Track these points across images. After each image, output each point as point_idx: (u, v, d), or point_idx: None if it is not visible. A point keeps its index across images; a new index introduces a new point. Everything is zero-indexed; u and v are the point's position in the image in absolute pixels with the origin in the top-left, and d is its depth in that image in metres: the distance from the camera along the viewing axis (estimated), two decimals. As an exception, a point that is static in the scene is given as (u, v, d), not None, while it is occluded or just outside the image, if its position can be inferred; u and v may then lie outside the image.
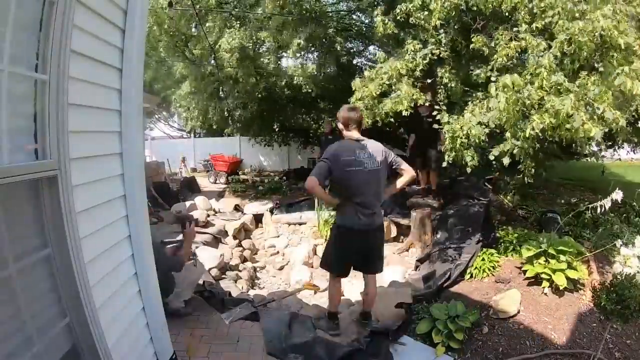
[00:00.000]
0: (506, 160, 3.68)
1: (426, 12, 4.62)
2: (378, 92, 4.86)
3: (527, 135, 3.40)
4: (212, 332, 3.13)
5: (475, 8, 4.35)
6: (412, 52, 4.82)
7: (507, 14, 4.10)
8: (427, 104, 4.82)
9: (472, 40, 4.41)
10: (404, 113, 4.68)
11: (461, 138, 3.81)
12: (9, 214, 1.36)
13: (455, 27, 4.87)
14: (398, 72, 4.73)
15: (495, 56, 4.03)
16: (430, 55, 4.78)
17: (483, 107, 3.78)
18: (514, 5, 3.93)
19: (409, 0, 4.81)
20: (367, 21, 9.16)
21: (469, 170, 4.03)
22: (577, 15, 3.54)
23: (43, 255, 1.52)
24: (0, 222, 1.30)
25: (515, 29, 4.05)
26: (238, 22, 7.60)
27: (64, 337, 1.64)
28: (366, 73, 5.18)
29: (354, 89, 5.10)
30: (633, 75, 3.17)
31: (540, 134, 3.39)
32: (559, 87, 3.43)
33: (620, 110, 3.33)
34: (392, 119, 5.05)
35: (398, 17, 4.98)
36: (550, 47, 3.67)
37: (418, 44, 4.88)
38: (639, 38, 3.50)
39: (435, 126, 4.32)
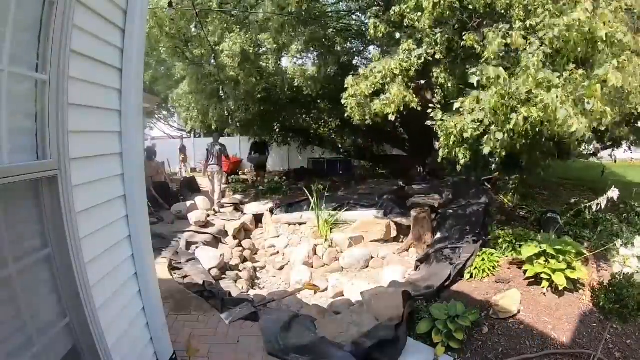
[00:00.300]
0: (486, 150, 3.63)
1: (419, 13, 4.61)
2: (370, 92, 4.85)
3: (512, 127, 3.38)
4: (212, 332, 3.13)
5: (470, 7, 4.34)
6: (406, 52, 4.80)
7: (502, 11, 4.09)
8: (419, 108, 4.78)
9: (464, 38, 4.39)
10: (391, 117, 4.68)
11: (455, 136, 3.80)
12: (9, 214, 1.36)
13: (455, 26, 4.86)
14: (392, 72, 4.71)
15: (485, 53, 4.01)
16: (425, 55, 4.77)
17: (473, 101, 3.77)
18: (509, 3, 3.92)
19: (403, 2, 4.80)
20: (366, 21, 9.16)
21: (459, 168, 4.03)
22: (563, 9, 3.53)
23: (43, 255, 1.52)
24: (1, 222, 1.30)
25: (507, 26, 4.02)
26: (239, 26, 7.58)
27: (64, 337, 1.64)
28: (361, 71, 5.16)
29: (346, 86, 5.09)
30: (621, 68, 3.14)
31: (529, 129, 3.37)
32: (548, 84, 3.42)
33: (613, 105, 3.31)
34: (379, 119, 5.04)
35: (393, 19, 4.97)
36: (543, 44, 3.67)
37: (413, 43, 4.86)
38: (631, 32, 3.48)
39: (429, 122, 4.31)
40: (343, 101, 5.12)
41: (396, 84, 4.68)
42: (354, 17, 9.77)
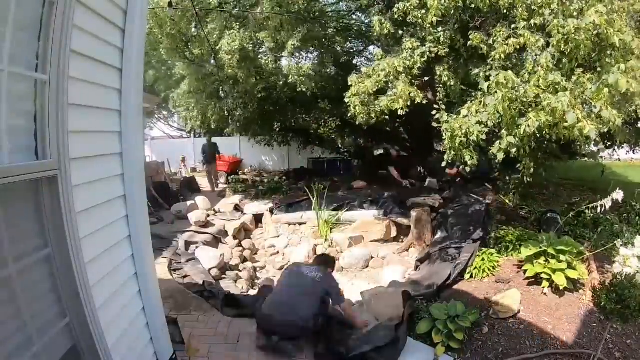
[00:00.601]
0: (500, 156, 3.67)
1: (423, 11, 4.62)
2: (374, 89, 4.85)
3: (522, 133, 3.40)
4: (212, 332, 3.13)
5: (473, 5, 4.35)
6: (409, 50, 4.80)
7: (504, 11, 4.10)
8: (424, 102, 4.80)
9: (470, 37, 4.39)
10: (400, 112, 4.68)
11: (460, 137, 3.81)
12: (9, 214, 1.36)
13: (455, 26, 4.86)
14: (395, 70, 4.72)
15: (493, 53, 4.02)
16: (428, 53, 4.77)
17: (480, 105, 3.78)
18: (512, 2, 3.93)
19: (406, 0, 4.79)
20: (367, 21, 9.16)
21: (468, 169, 4.03)
22: (574, 14, 3.54)
23: (43, 255, 1.52)
24: (1, 222, 1.30)
25: (513, 25, 4.04)
26: (238, 23, 7.59)
27: (64, 337, 1.64)
28: (363, 69, 5.16)
29: (350, 83, 5.08)
30: (630, 73, 3.16)
31: (537, 132, 3.39)
32: (556, 86, 3.43)
33: (618, 109, 3.33)
34: (387, 117, 5.01)
35: (396, 17, 4.97)
36: (548, 45, 3.68)
37: (416, 42, 4.87)
38: (637, 36, 3.50)
39: (434, 124, 4.32)
40: (346, 100, 5.11)
41: (401, 81, 4.68)
42: (354, 16, 9.76)
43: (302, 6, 6.90)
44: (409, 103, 4.65)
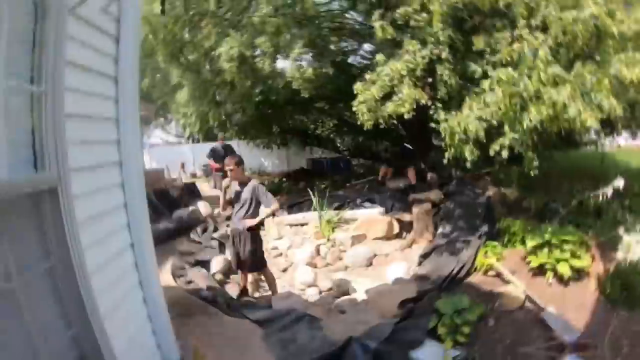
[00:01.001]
0: (505, 154, 3.68)
1: (425, 14, 4.62)
2: (380, 95, 4.87)
3: (525, 128, 3.41)
4: (218, 336, 3.13)
5: (472, 5, 4.35)
6: (412, 53, 4.81)
7: (504, 9, 4.10)
8: (429, 102, 4.81)
9: (474, 41, 4.39)
10: (406, 116, 4.69)
11: (459, 134, 3.81)
12: (10, 228, 1.36)
13: (453, 24, 4.86)
14: (399, 74, 4.73)
15: (499, 56, 4.01)
16: (430, 55, 4.78)
17: (480, 102, 3.79)
18: (511, 1, 3.94)
19: (407, 4, 4.79)
20: (360, 19, 9.14)
21: (468, 165, 4.03)
22: (571, 4, 3.55)
23: (47, 267, 1.52)
24: (2, 236, 1.30)
25: (516, 31, 4.03)
26: (234, 30, 7.55)
27: (71, 348, 1.64)
28: (367, 76, 5.17)
29: (355, 92, 5.09)
30: (628, 62, 3.17)
31: (538, 126, 3.40)
32: (556, 79, 3.43)
33: (617, 98, 3.33)
34: (394, 121, 5.04)
35: (399, 22, 4.97)
36: (548, 38, 3.68)
37: (417, 44, 4.87)
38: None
39: (432, 125, 4.32)
40: (354, 108, 5.14)
41: (405, 85, 4.70)
42: (347, 15, 9.74)
43: (298, 9, 6.86)
44: (414, 106, 4.66)
